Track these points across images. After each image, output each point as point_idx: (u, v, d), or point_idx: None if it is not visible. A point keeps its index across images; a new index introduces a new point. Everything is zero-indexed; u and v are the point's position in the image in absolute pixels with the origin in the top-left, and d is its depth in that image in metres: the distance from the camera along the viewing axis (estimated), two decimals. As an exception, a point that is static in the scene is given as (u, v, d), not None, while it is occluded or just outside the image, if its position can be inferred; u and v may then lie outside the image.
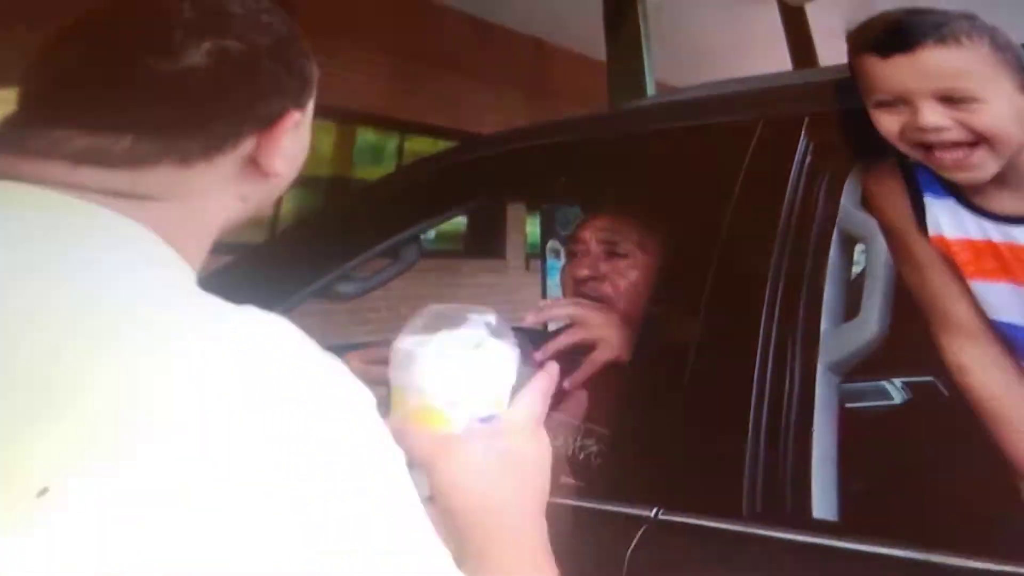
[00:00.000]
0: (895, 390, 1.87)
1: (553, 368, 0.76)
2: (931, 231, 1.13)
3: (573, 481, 1.24)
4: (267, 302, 1.70)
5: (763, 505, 1.04)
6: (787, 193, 1.24)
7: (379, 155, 7.64)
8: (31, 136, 0.66)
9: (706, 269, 1.22)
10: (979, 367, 1.12)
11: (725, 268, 1.22)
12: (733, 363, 1.15)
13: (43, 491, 0.48)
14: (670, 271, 1.36)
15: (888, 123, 1.05)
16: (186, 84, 0.67)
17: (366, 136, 7.47)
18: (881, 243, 1.18)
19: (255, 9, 0.71)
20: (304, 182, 6.75)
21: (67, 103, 0.67)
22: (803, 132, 1.28)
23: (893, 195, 1.16)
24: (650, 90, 3.83)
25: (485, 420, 0.72)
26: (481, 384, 0.73)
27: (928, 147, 1.03)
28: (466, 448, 0.70)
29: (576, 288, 1.49)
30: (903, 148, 1.06)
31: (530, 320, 1.45)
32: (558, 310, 1.52)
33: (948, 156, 1.02)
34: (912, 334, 1.31)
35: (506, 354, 0.74)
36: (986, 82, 0.99)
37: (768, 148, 1.30)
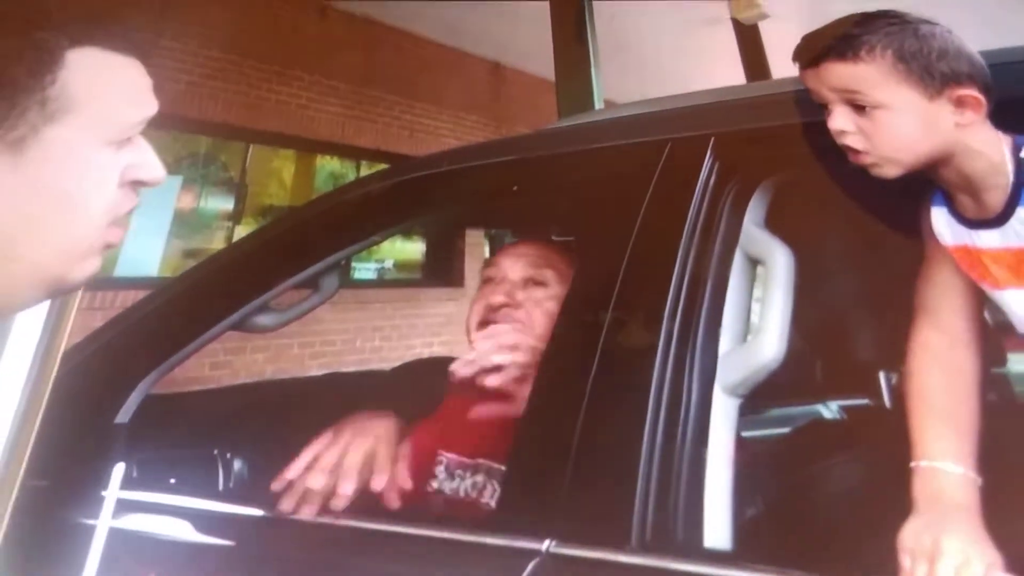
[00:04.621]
0: (830, 413, 1.84)
1: None
2: (940, 240, 1.14)
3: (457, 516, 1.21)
4: (183, 335, 1.67)
5: (653, 535, 1.01)
6: (690, 213, 1.22)
7: (341, 182, 7.61)
8: None
9: (609, 294, 1.20)
10: (925, 348, 1.11)
11: (626, 292, 1.20)
12: (629, 388, 1.12)
13: None
14: (574, 296, 1.34)
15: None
16: None
17: (328, 163, 7.44)
18: (780, 265, 1.17)
19: None
20: (266, 210, 6.69)
21: None
22: (708, 152, 1.27)
23: (922, 205, 1.17)
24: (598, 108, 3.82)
25: None
26: None
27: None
28: None
29: (487, 315, 1.46)
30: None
31: (463, 372, 1.33)
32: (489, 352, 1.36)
33: (852, 157, 1.09)
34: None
35: None
36: (886, 90, 1.04)
37: (675, 168, 1.28)
